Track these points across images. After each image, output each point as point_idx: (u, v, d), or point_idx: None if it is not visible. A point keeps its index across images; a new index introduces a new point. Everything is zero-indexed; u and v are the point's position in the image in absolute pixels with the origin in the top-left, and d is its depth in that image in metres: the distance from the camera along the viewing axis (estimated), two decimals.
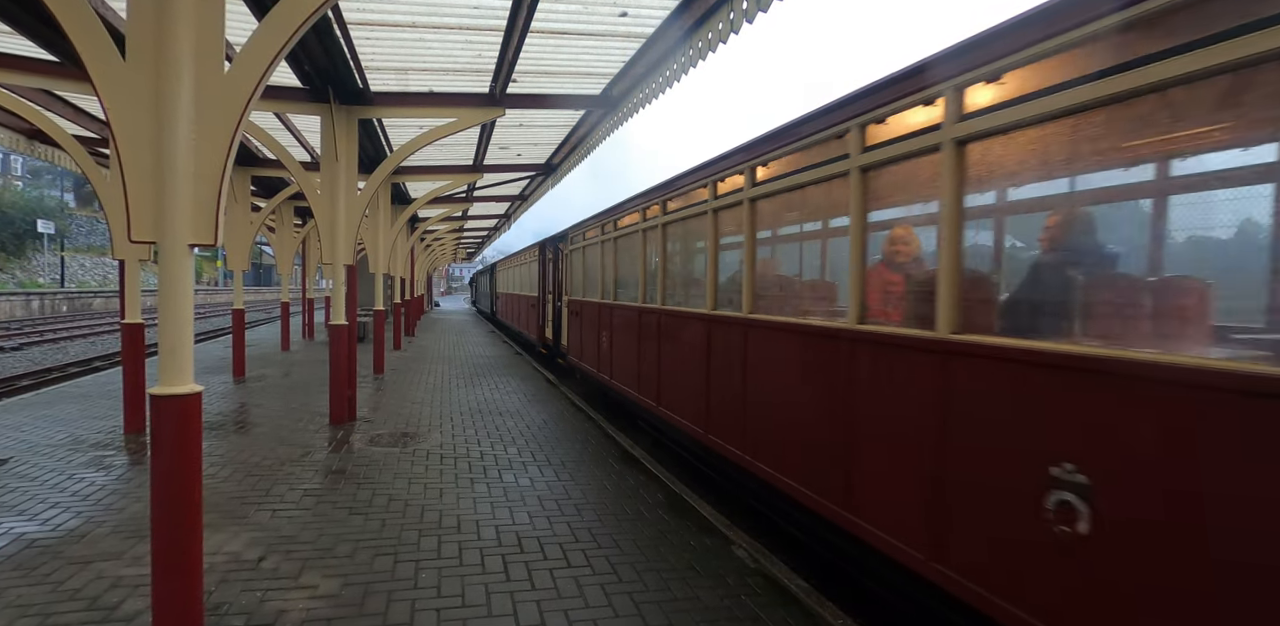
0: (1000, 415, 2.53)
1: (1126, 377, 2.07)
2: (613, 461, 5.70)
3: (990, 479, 2.56)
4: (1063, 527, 2.25)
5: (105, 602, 3.08)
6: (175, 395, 2.56)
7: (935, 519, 2.81)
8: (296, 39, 2.75)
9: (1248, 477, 1.77)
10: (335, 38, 5.28)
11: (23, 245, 41.98)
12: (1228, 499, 1.82)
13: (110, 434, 6.40)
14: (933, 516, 2.83)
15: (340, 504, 4.50)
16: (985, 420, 2.60)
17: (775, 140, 4.15)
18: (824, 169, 3.65)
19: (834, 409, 3.54)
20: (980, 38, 2.64)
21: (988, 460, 2.57)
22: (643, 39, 5.64)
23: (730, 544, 3.95)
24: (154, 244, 2.62)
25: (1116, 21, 2.12)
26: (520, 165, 11.25)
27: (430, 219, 16.96)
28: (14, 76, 5.73)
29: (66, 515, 4.21)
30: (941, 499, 2.78)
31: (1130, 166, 2.65)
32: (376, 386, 9.63)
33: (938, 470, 2.81)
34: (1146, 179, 2.73)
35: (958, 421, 2.72)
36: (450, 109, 6.92)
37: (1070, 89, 2.28)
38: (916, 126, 2.99)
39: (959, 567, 2.69)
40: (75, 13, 2.49)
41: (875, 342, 3.22)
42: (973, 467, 2.64)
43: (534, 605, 3.13)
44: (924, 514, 2.88)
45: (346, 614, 3.02)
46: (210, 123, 2.59)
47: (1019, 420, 2.44)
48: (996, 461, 2.53)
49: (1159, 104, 2.12)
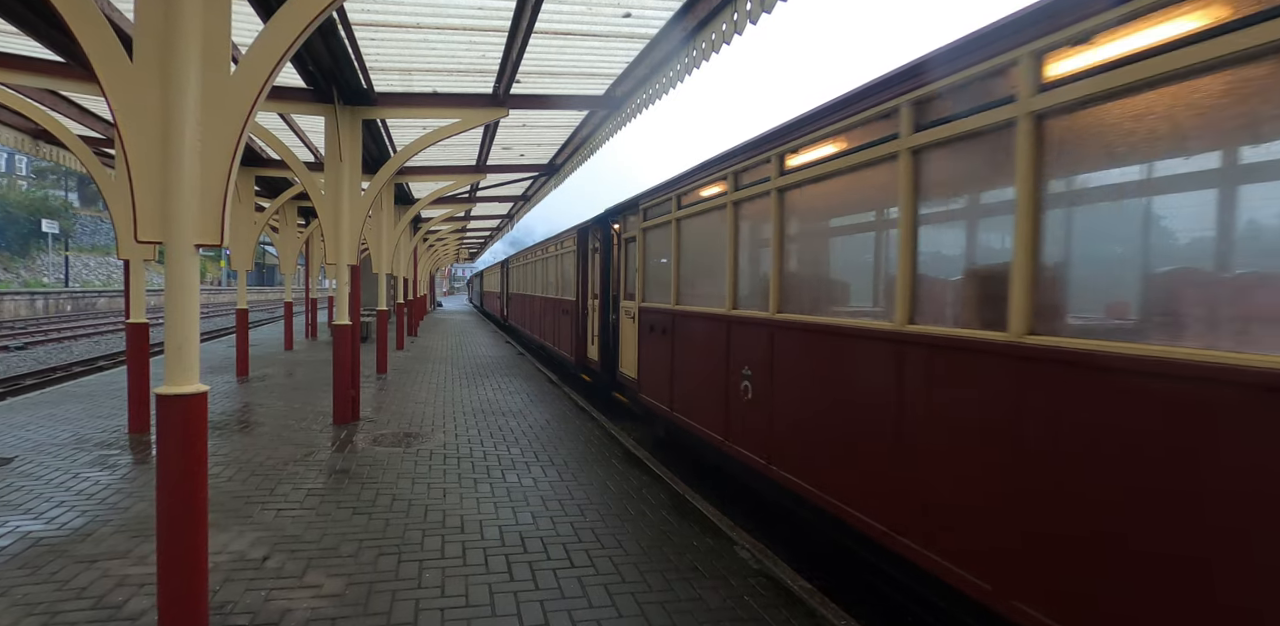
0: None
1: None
2: (615, 461, 5.71)
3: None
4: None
5: (111, 601, 3.10)
6: (181, 394, 2.57)
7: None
8: (302, 40, 2.76)
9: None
10: (340, 38, 5.30)
11: (27, 245, 42.16)
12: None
13: (115, 433, 6.42)
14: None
15: (344, 503, 4.51)
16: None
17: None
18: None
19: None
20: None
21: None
22: (646, 40, 5.65)
23: (733, 544, 3.95)
24: (159, 244, 2.63)
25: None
26: (523, 165, 11.26)
27: (433, 219, 16.98)
28: (20, 77, 5.75)
29: (72, 514, 4.23)
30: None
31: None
32: (380, 386, 9.64)
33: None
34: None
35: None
36: (454, 109, 6.94)
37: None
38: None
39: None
40: (84, 15, 2.50)
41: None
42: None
43: (538, 605, 3.14)
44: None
45: (351, 613, 3.03)
46: (216, 124, 2.60)
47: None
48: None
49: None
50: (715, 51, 5.07)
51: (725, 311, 5.10)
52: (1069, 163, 2.48)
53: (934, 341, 3.00)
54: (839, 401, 3.72)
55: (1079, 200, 2.52)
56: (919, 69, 3.07)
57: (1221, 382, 1.85)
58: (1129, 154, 2.31)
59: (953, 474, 2.86)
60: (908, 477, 3.12)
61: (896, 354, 3.22)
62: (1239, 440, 1.83)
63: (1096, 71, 2.28)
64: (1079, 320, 2.49)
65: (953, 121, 2.91)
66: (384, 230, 10.78)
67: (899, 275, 3.24)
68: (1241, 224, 2.18)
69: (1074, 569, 2.28)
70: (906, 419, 3.14)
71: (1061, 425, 2.35)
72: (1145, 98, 2.17)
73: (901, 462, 3.17)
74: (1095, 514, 2.22)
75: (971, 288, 3.01)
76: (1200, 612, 1.92)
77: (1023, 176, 2.53)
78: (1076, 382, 2.30)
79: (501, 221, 21.95)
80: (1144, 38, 2.13)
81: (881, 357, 3.33)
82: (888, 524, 3.24)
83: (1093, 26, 2.28)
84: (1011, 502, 2.54)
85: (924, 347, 3.06)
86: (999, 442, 2.60)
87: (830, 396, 3.81)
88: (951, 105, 2.94)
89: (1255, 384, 1.77)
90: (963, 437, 2.81)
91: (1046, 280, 2.51)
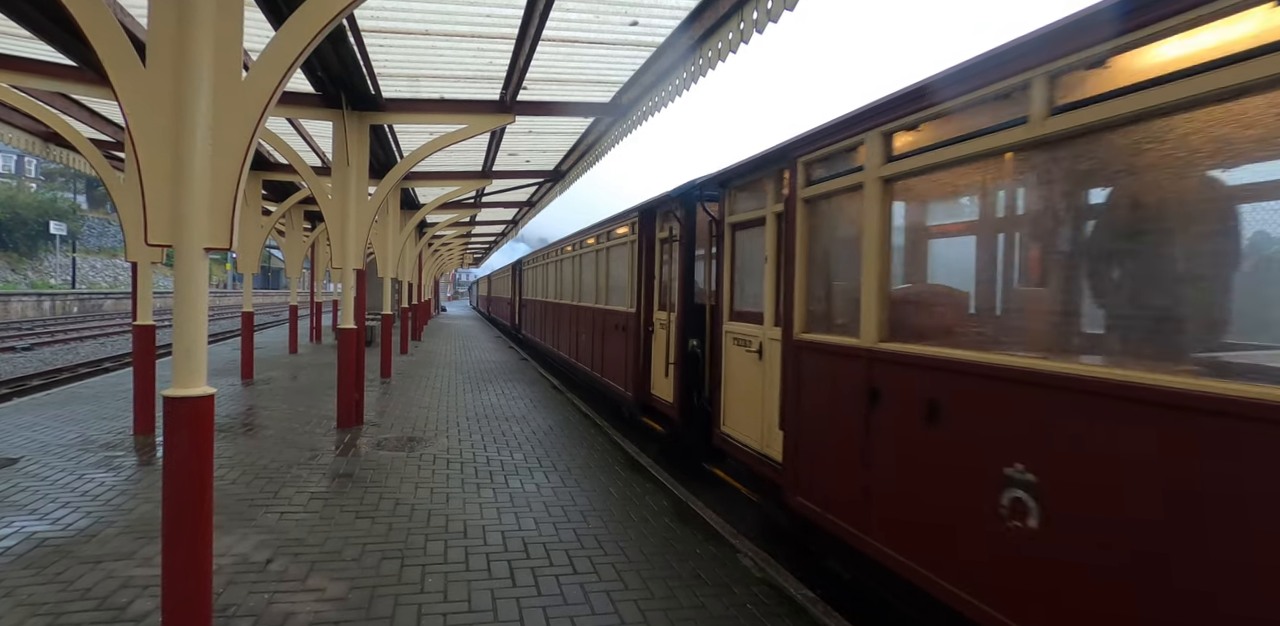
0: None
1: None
2: (619, 468, 5.70)
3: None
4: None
5: (115, 602, 3.10)
6: (188, 397, 2.58)
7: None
8: (313, 47, 2.79)
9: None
10: (349, 45, 5.34)
11: (35, 246, 42.42)
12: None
13: (120, 435, 6.44)
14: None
15: (347, 507, 4.52)
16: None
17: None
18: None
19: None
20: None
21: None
22: (653, 48, 5.68)
23: (736, 552, 3.94)
24: (168, 247, 2.65)
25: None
26: (529, 172, 11.31)
27: (438, 224, 17.05)
28: (32, 80, 5.82)
29: (77, 515, 4.24)
30: None
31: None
32: (383, 390, 9.66)
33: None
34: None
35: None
36: (461, 115, 6.98)
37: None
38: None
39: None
40: (98, 20, 2.53)
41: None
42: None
43: (540, 611, 3.13)
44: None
45: (353, 617, 3.03)
46: (227, 128, 2.63)
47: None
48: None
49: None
50: (721, 60, 5.10)
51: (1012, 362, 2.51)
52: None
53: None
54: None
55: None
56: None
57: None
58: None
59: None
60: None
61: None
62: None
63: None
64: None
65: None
66: (389, 235, 10.83)
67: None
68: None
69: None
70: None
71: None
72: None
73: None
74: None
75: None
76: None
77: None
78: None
79: (506, 226, 22.02)
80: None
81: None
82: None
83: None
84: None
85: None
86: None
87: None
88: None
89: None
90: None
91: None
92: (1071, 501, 2.26)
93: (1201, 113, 2.02)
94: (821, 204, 3.99)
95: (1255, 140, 1.94)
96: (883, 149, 3.30)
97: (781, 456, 4.24)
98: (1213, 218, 2.22)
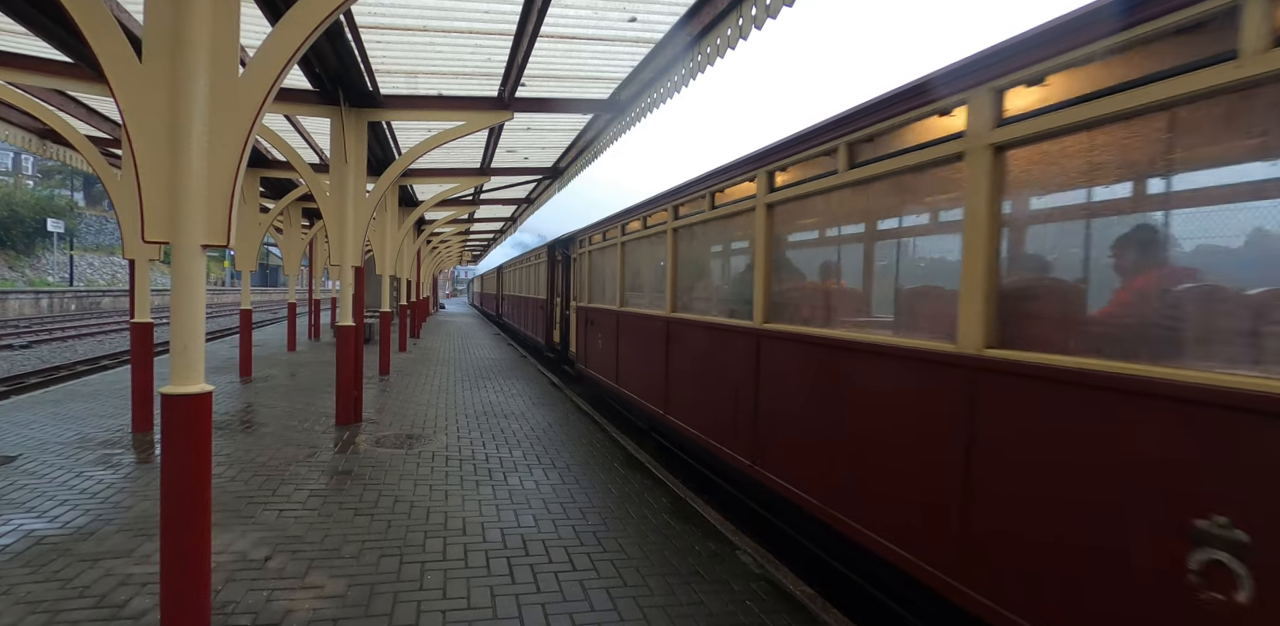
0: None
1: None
2: (617, 465, 5.71)
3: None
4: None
5: (113, 600, 3.10)
6: (186, 394, 2.58)
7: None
8: (310, 43, 2.77)
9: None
10: (346, 41, 5.32)
11: (33, 244, 42.29)
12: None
13: (118, 432, 6.43)
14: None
15: (346, 504, 4.52)
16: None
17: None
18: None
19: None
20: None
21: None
22: (651, 44, 5.66)
23: (735, 549, 3.95)
24: (166, 244, 2.64)
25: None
26: (527, 169, 11.29)
27: (437, 221, 17.02)
28: (28, 77, 5.79)
29: (75, 512, 4.24)
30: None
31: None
32: (382, 388, 9.65)
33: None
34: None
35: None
36: (459, 112, 6.96)
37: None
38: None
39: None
40: (94, 17, 2.52)
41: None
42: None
43: (539, 608, 3.13)
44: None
45: (352, 614, 3.03)
46: (224, 125, 2.62)
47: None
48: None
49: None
50: (720, 56, 5.08)
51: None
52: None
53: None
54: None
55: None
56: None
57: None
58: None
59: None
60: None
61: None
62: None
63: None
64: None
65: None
66: (388, 232, 10.82)
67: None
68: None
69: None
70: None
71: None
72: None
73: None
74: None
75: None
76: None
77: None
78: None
79: (505, 224, 21.98)
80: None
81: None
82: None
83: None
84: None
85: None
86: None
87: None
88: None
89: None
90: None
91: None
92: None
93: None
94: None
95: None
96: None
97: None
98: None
